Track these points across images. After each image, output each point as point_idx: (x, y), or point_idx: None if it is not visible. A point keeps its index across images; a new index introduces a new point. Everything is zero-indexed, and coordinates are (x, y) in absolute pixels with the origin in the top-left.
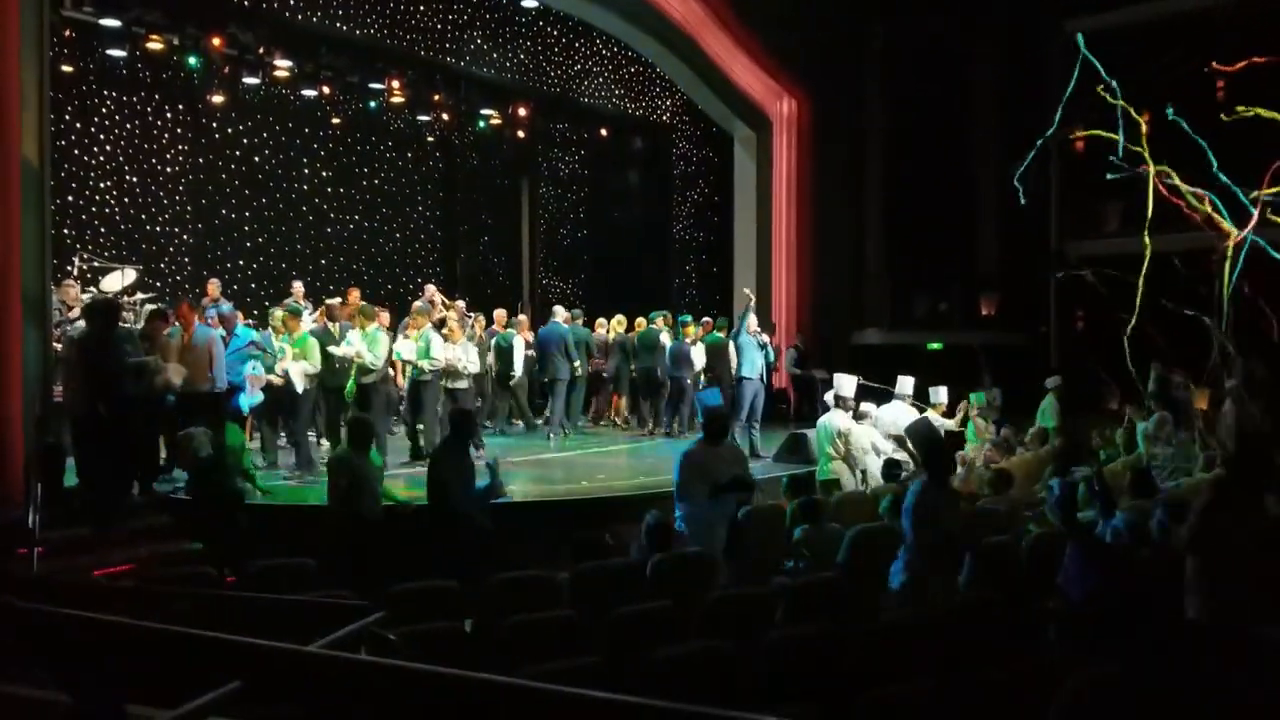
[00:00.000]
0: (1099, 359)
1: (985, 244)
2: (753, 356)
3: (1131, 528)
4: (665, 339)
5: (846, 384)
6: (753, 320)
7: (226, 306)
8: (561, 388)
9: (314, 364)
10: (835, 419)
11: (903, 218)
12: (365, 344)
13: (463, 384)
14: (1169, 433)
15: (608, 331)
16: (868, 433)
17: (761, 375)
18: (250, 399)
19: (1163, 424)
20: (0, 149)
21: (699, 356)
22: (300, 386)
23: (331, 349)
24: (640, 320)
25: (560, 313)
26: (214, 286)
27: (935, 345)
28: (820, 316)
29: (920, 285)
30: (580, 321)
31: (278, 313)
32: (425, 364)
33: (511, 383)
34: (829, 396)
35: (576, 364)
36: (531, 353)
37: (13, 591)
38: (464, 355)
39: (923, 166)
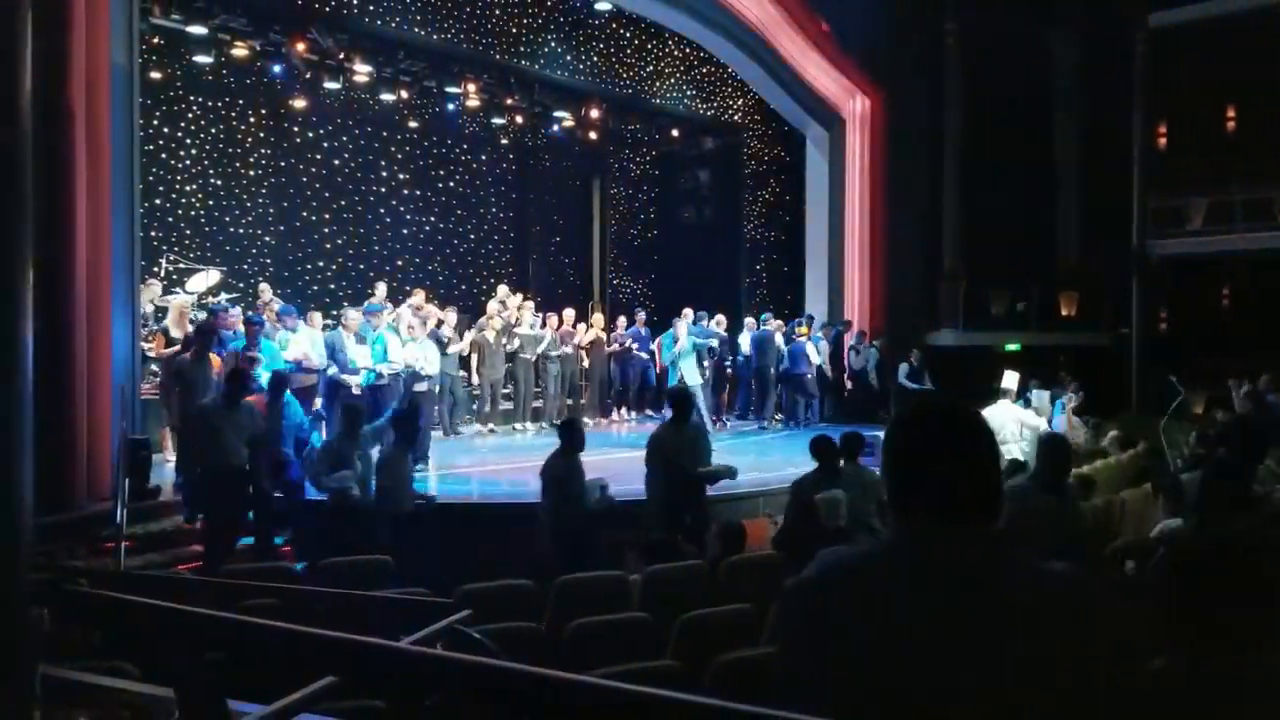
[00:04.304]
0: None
1: (1065, 242)
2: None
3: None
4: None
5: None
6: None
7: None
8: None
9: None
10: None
11: (979, 215)
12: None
13: (423, 386)
14: None
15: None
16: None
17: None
18: None
19: None
20: (91, 153)
21: (814, 354)
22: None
23: (289, 352)
24: (750, 320)
25: (689, 314)
26: (265, 291)
27: (1013, 346)
28: (894, 316)
29: (997, 284)
30: (705, 322)
31: (352, 314)
32: (383, 367)
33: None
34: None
35: (706, 362)
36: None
37: (102, 585)
38: (423, 355)
39: (1000, 163)
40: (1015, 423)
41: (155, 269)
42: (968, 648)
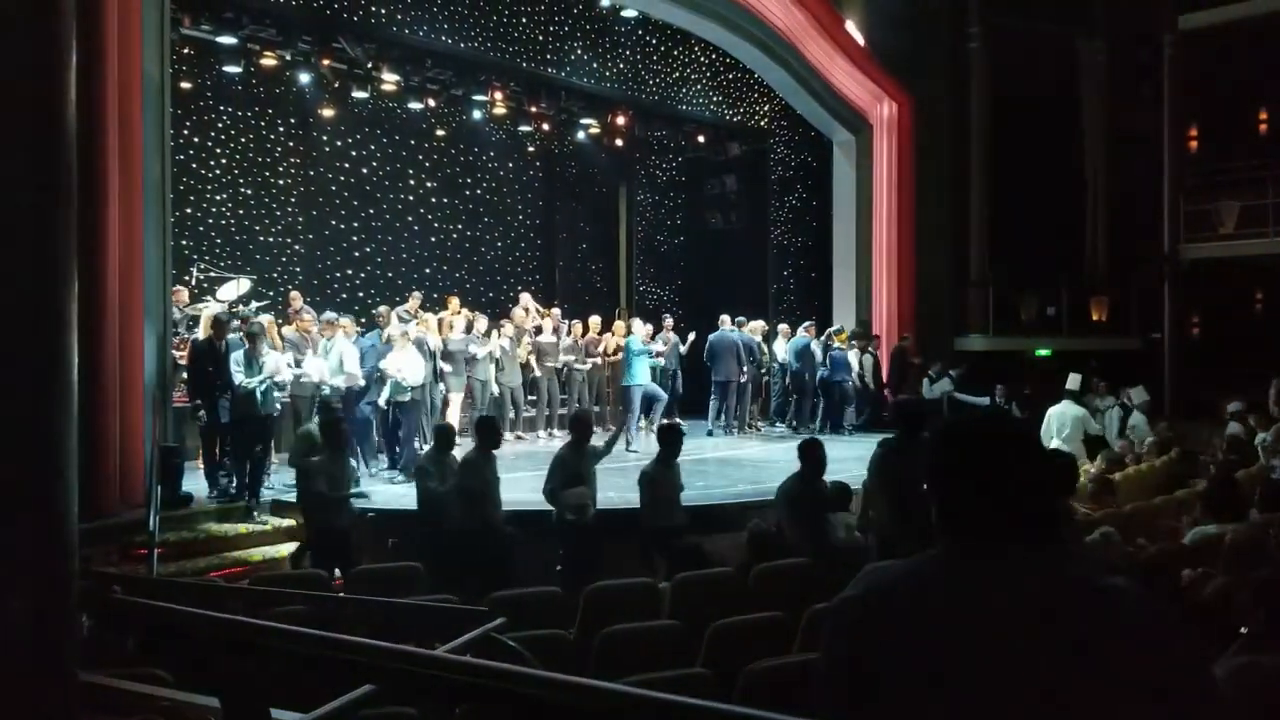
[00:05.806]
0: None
1: (1094, 246)
2: (643, 366)
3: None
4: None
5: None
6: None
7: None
8: (733, 389)
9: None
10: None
11: (1008, 220)
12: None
13: (406, 397)
14: None
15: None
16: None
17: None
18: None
19: None
20: (123, 163)
21: (855, 361)
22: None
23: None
24: (784, 327)
25: (728, 320)
26: (296, 298)
27: (1043, 351)
28: (922, 322)
29: (1026, 289)
30: (745, 328)
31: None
32: (339, 381)
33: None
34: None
35: (745, 368)
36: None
37: (137, 591)
38: (405, 363)
39: (1028, 167)
40: (1076, 422)
41: (186, 278)
42: (1018, 670)
